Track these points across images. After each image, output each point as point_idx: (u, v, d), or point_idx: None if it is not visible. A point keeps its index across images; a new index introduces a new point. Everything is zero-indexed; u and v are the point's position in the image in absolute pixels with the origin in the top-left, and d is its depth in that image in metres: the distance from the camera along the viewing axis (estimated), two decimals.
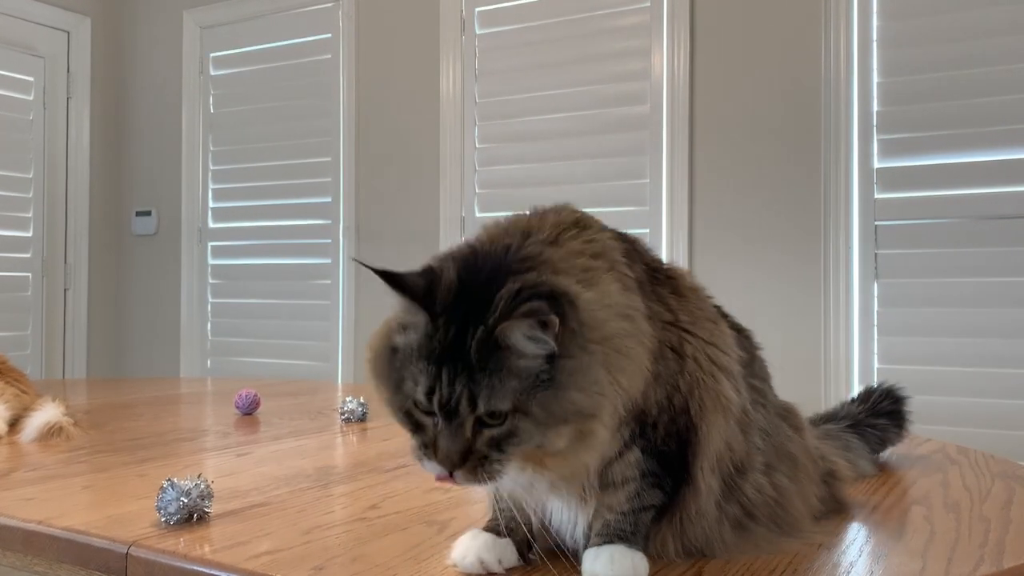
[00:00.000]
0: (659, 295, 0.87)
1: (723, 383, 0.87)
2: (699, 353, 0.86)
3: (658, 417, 0.83)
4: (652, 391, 0.81)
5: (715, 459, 0.86)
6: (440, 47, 3.59)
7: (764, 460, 0.92)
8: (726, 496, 0.87)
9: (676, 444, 0.85)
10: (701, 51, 3.10)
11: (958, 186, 2.70)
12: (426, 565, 0.84)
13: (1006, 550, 0.89)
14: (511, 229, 0.83)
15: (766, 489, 0.91)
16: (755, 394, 0.94)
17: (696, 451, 0.85)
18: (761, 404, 0.95)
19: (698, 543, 0.86)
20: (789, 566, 0.84)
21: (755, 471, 0.90)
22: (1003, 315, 2.63)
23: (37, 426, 1.51)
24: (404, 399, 0.77)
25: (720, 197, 3.06)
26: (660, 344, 0.82)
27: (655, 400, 0.82)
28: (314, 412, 1.86)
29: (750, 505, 0.89)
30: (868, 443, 1.30)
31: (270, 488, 1.15)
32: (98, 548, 0.91)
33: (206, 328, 4.24)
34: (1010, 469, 1.29)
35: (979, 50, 2.68)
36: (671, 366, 0.84)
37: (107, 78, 4.50)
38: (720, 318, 0.95)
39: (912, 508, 1.06)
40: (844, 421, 1.32)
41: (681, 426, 0.85)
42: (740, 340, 0.97)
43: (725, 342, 0.91)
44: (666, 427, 0.84)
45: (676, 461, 0.85)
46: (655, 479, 0.84)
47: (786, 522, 0.92)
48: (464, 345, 0.72)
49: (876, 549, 0.91)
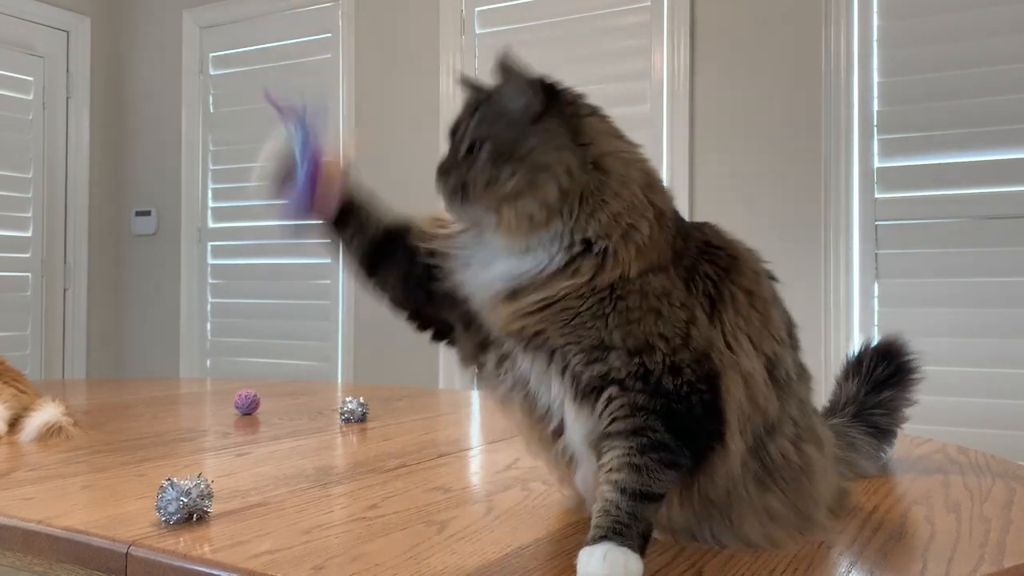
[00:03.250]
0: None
1: (761, 338, 0.89)
2: (739, 296, 0.89)
3: (677, 354, 0.83)
4: (664, 310, 0.84)
5: (743, 418, 0.85)
6: (440, 47, 3.59)
7: (796, 431, 0.92)
8: (752, 453, 0.88)
9: (701, 398, 0.83)
10: (701, 51, 3.10)
11: (958, 186, 2.70)
12: (426, 565, 0.84)
13: (1006, 550, 0.89)
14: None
15: (792, 456, 0.91)
16: (799, 368, 0.95)
17: (725, 404, 0.84)
18: (805, 378, 0.97)
19: (719, 499, 0.87)
20: (789, 566, 0.84)
21: (784, 437, 0.90)
22: (1003, 315, 2.63)
23: (36, 426, 1.50)
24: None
25: (720, 197, 3.06)
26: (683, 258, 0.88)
27: (658, 332, 0.83)
28: (314, 412, 1.86)
29: (773, 467, 0.89)
30: (878, 432, 1.23)
31: (270, 488, 1.15)
32: (98, 548, 0.91)
33: (206, 328, 4.24)
34: (1010, 469, 1.29)
35: (979, 50, 2.68)
36: (695, 293, 0.86)
37: (107, 78, 4.50)
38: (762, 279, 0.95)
39: (912, 508, 1.06)
40: (848, 409, 1.24)
41: (706, 370, 0.84)
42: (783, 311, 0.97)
43: (763, 294, 0.92)
44: (691, 367, 0.83)
45: (700, 424, 0.83)
46: (666, 454, 0.81)
47: (809, 495, 0.92)
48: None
49: (876, 549, 0.91)
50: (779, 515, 0.91)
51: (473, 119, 0.89)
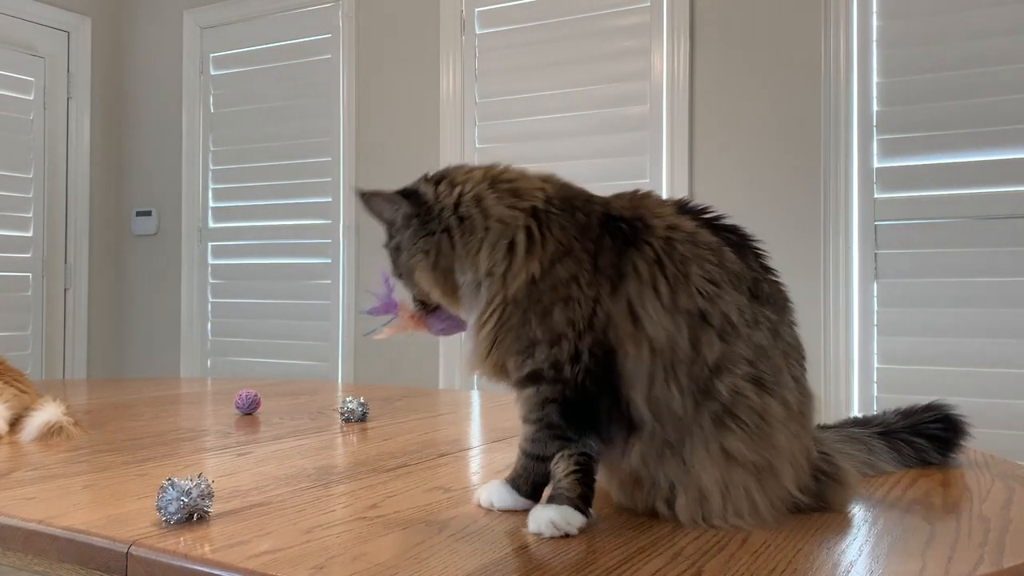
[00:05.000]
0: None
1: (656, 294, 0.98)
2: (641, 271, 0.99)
3: (582, 339, 0.97)
4: (559, 309, 0.97)
5: (656, 372, 0.96)
6: (440, 47, 3.59)
7: (754, 373, 0.97)
8: (704, 394, 0.96)
9: (595, 379, 0.97)
10: (701, 51, 3.10)
11: (958, 186, 2.70)
12: (426, 565, 0.84)
13: (1006, 550, 0.89)
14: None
15: (750, 395, 0.96)
16: (759, 316, 1.00)
17: (620, 374, 0.97)
18: (771, 331, 1.00)
19: (675, 440, 0.96)
20: (789, 566, 0.84)
21: (736, 376, 0.96)
22: (1003, 315, 2.63)
23: (37, 426, 1.51)
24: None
25: (720, 197, 3.05)
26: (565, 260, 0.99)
27: (568, 319, 0.97)
28: (314, 412, 1.86)
29: (730, 404, 0.96)
30: (900, 454, 1.24)
31: (270, 488, 1.15)
32: (98, 548, 0.91)
33: (206, 328, 4.24)
34: (1010, 469, 1.29)
35: (979, 50, 2.68)
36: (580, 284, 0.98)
37: (107, 78, 4.50)
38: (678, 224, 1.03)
39: (912, 508, 1.06)
40: (875, 428, 1.26)
41: (603, 350, 0.97)
42: (746, 258, 1.03)
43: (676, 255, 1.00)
44: (589, 351, 0.97)
45: (589, 406, 0.98)
46: (556, 431, 1.00)
47: (771, 444, 0.97)
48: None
49: (876, 549, 0.91)
50: (737, 456, 0.95)
51: (387, 234, 1.11)
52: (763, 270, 1.05)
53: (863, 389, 2.80)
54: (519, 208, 1.01)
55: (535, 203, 1.02)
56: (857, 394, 2.81)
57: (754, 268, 1.03)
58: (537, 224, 1.00)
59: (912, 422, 1.28)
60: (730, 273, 1.00)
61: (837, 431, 1.24)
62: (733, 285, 1.00)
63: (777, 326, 1.01)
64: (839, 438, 1.21)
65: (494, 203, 1.02)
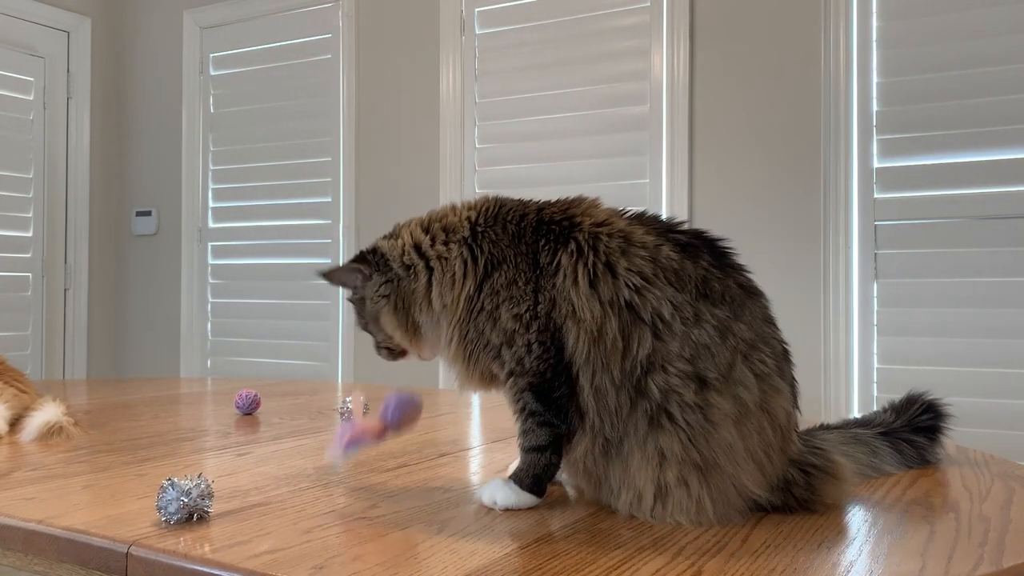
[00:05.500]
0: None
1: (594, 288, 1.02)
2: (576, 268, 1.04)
3: (529, 328, 1.04)
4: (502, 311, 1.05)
5: (595, 357, 1.00)
6: (440, 47, 3.59)
7: (691, 371, 0.98)
8: (638, 392, 0.99)
9: (550, 364, 1.03)
10: (701, 51, 3.10)
11: (958, 186, 2.70)
12: (426, 565, 0.84)
13: (1006, 550, 0.89)
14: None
15: (684, 393, 0.97)
16: (702, 314, 1.00)
17: (571, 352, 1.02)
18: (717, 328, 0.99)
19: (614, 438, 1.00)
20: (789, 566, 0.84)
21: (668, 374, 0.98)
22: (1003, 315, 2.63)
23: (37, 426, 1.51)
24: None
25: (720, 197, 3.06)
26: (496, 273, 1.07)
27: (514, 315, 1.05)
28: (314, 412, 1.86)
29: (662, 402, 0.98)
30: (902, 455, 1.25)
31: (270, 488, 1.15)
32: (98, 548, 0.91)
33: (206, 328, 4.24)
34: (1010, 469, 1.29)
35: (979, 50, 2.68)
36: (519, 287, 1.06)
37: (107, 78, 4.50)
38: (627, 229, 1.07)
39: (912, 508, 1.06)
40: (876, 428, 1.27)
41: (551, 331, 1.03)
42: (690, 257, 1.04)
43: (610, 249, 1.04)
44: (539, 336, 1.03)
45: (553, 388, 1.04)
46: (539, 417, 1.05)
47: (716, 443, 0.97)
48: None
49: (876, 548, 0.91)
50: (675, 457, 0.97)
51: (352, 292, 1.20)
52: (719, 269, 1.04)
53: (863, 389, 2.80)
54: (452, 242, 1.11)
55: (463, 233, 1.12)
56: (857, 394, 2.81)
57: (704, 267, 1.03)
58: (468, 249, 1.10)
59: (907, 418, 1.29)
60: (665, 270, 1.02)
61: (841, 432, 1.25)
62: (669, 282, 1.01)
63: (728, 323, 1.00)
64: (843, 439, 1.21)
65: (429, 246, 1.13)
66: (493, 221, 1.11)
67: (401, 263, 1.14)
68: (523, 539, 0.93)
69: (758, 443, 0.99)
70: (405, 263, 1.13)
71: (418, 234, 1.15)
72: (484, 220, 1.12)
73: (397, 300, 1.13)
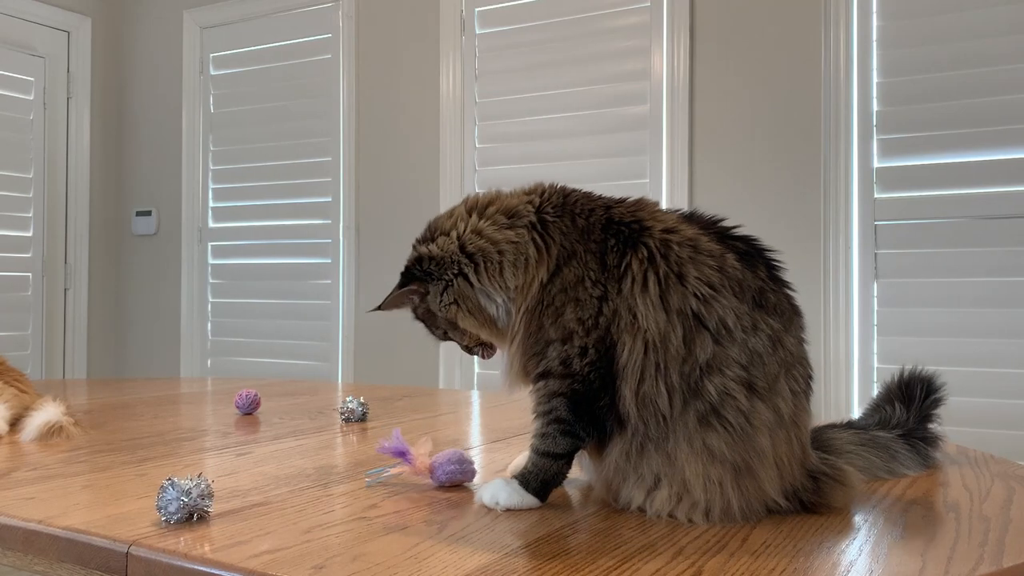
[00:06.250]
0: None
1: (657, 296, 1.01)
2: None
3: (589, 335, 1.02)
4: (564, 306, 1.03)
5: (650, 366, 0.99)
6: (440, 47, 3.59)
7: (746, 376, 0.98)
8: (693, 392, 0.98)
9: (599, 372, 1.02)
10: (701, 51, 3.10)
11: (958, 186, 2.70)
12: (426, 565, 0.84)
13: (1006, 550, 0.89)
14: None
15: (738, 397, 0.98)
16: (759, 324, 1.01)
17: (618, 366, 1.01)
18: (771, 339, 1.01)
19: (656, 436, 0.99)
20: (789, 566, 0.84)
21: (726, 376, 0.98)
22: (1003, 315, 2.63)
23: (37, 426, 1.51)
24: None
25: (720, 197, 3.06)
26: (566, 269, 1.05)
27: (577, 318, 1.03)
28: (314, 412, 1.86)
29: (717, 404, 0.98)
30: (920, 455, 1.26)
31: (270, 487, 1.15)
32: (98, 548, 0.91)
33: (206, 328, 4.24)
34: (1010, 469, 1.29)
35: (979, 50, 2.68)
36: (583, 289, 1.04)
37: (107, 78, 4.50)
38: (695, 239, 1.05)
39: (912, 508, 1.06)
40: (896, 431, 1.28)
41: (606, 345, 1.02)
42: (751, 265, 1.05)
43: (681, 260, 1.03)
44: (595, 347, 1.02)
45: (594, 400, 1.02)
46: (565, 426, 1.04)
47: (753, 447, 0.98)
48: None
49: (876, 549, 0.91)
50: (720, 456, 0.97)
51: (413, 312, 1.18)
52: (772, 281, 1.06)
53: (863, 389, 2.80)
54: (519, 226, 1.09)
55: (530, 218, 1.09)
56: (857, 394, 2.81)
57: (761, 278, 1.05)
58: (540, 235, 1.07)
59: (917, 411, 1.30)
60: (731, 279, 1.02)
61: (858, 433, 1.24)
62: (733, 291, 1.02)
63: (780, 335, 1.02)
64: (860, 440, 1.22)
65: (494, 230, 1.09)
66: (561, 211, 1.09)
67: (463, 254, 1.09)
68: (523, 539, 0.93)
69: (785, 452, 1.01)
70: (469, 251, 1.09)
71: (474, 221, 1.11)
72: (552, 209, 1.10)
73: (466, 300, 1.10)
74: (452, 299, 1.10)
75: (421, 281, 1.12)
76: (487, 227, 1.10)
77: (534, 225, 1.08)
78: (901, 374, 1.38)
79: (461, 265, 1.09)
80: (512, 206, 1.11)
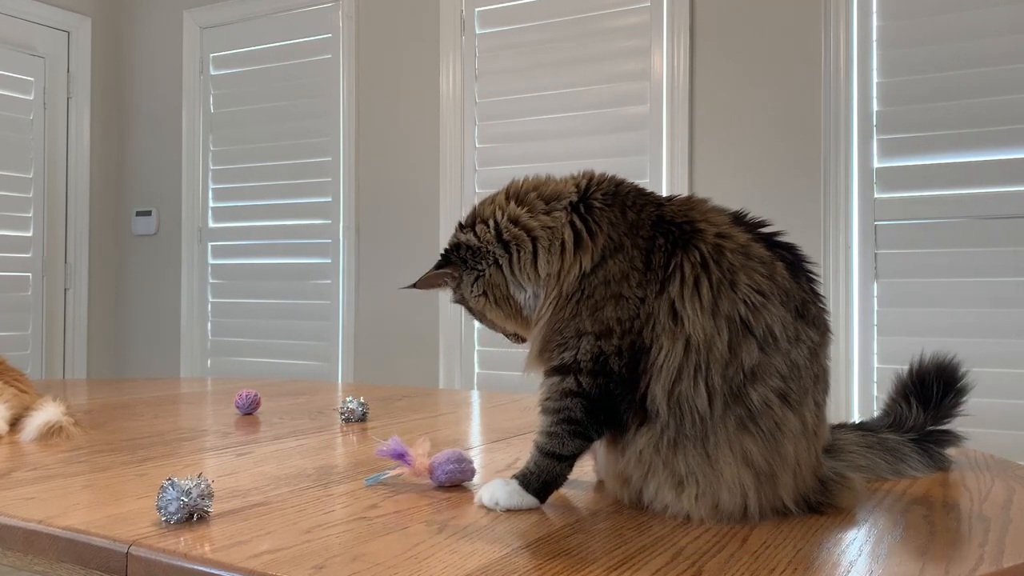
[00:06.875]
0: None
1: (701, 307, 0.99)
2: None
3: (626, 336, 1.01)
4: (603, 304, 1.01)
5: (688, 372, 0.98)
6: (440, 47, 3.59)
7: (784, 387, 0.99)
8: (735, 398, 0.98)
9: (627, 374, 1.00)
10: (701, 51, 3.10)
11: (958, 186, 2.70)
12: (426, 565, 0.84)
13: (1006, 550, 0.89)
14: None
15: (775, 407, 0.98)
16: (801, 335, 1.01)
17: (649, 371, 0.99)
18: (810, 351, 1.01)
19: (693, 434, 0.98)
20: (789, 565, 0.84)
21: (768, 387, 0.98)
22: (1003, 315, 2.63)
23: (37, 426, 1.51)
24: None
25: (720, 197, 3.03)
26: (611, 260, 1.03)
27: (617, 316, 1.01)
28: (314, 412, 1.86)
29: (755, 412, 0.98)
30: (930, 457, 1.25)
31: (270, 487, 1.15)
32: (98, 548, 0.91)
33: (206, 328, 4.24)
34: (1010, 469, 1.29)
35: (979, 50, 2.68)
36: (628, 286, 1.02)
37: (107, 78, 4.50)
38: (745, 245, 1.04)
39: (912, 508, 1.06)
40: (910, 434, 1.26)
41: (636, 348, 1.00)
42: (796, 276, 1.04)
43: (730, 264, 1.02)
44: (629, 350, 1.00)
45: (613, 402, 1.01)
46: (577, 427, 1.02)
47: (778, 453, 0.99)
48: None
49: (876, 549, 0.91)
50: (753, 461, 0.98)
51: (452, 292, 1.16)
52: (812, 293, 1.06)
53: (863, 389, 2.80)
54: (557, 210, 1.07)
55: (571, 199, 1.07)
56: (857, 394, 2.81)
57: (804, 289, 1.05)
58: (581, 219, 1.05)
59: (935, 407, 1.27)
60: (780, 288, 1.02)
61: (866, 435, 1.24)
62: (781, 300, 1.01)
63: (817, 348, 1.03)
64: (867, 443, 1.21)
65: (529, 217, 1.08)
66: (612, 200, 1.07)
67: (499, 242, 1.08)
68: (523, 539, 0.93)
69: (804, 461, 1.01)
70: (504, 240, 1.08)
71: (512, 208, 1.09)
72: (602, 196, 1.08)
73: (495, 290, 1.09)
74: (482, 290, 1.10)
75: (456, 266, 1.11)
76: (524, 214, 1.08)
77: (575, 207, 1.06)
78: (921, 362, 1.34)
79: (496, 255, 1.08)
80: (554, 190, 1.10)
